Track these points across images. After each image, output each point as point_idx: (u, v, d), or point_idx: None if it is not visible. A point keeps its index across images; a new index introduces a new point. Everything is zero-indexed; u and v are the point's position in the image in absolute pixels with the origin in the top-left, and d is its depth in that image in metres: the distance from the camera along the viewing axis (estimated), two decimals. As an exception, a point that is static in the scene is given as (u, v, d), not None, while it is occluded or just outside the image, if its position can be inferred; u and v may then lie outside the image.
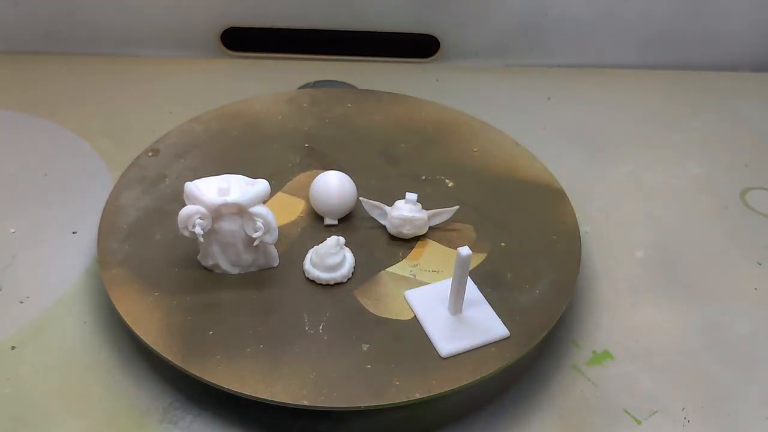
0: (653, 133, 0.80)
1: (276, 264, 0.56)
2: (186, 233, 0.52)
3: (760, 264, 0.64)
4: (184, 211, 0.52)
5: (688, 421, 0.52)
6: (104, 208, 0.60)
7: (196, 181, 0.53)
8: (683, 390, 0.54)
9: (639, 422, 0.52)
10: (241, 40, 0.87)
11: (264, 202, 0.53)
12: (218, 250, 0.54)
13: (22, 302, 0.57)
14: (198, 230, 0.52)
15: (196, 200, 0.52)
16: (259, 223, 0.53)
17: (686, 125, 0.81)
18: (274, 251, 0.56)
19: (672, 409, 0.53)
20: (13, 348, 0.54)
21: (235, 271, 0.55)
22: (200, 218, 0.52)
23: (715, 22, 0.87)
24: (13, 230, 0.63)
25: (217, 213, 0.53)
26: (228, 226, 0.53)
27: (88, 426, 0.49)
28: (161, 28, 0.86)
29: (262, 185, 0.53)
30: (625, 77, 0.88)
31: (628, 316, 0.59)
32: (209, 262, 0.55)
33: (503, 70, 0.89)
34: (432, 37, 0.88)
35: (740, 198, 0.71)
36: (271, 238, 0.53)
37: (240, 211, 0.53)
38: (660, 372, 0.55)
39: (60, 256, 0.61)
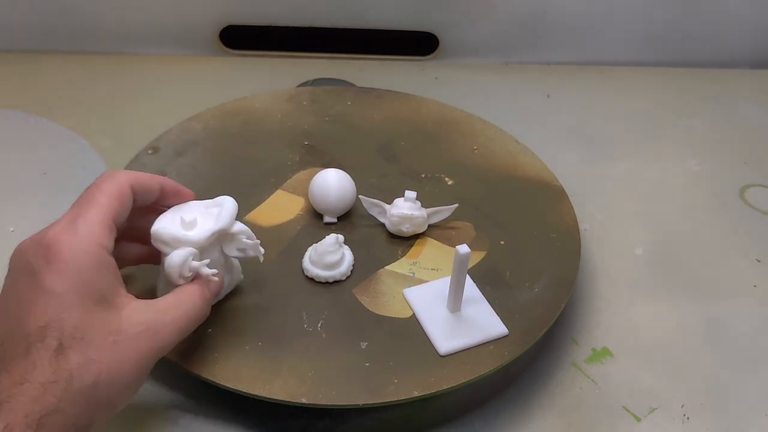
0: (652, 130, 0.79)
1: (242, 277, 0.53)
2: (182, 281, 0.46)
3: (759, 261, 0.64)
4: (176, 258, 0.45)
5: (688, 418, 0.52)
6: (103, 206, 0.60)
7: (161, 224, 0.47)
8: (683, 387, 0.54)
9: (639, 419, 0.52)
10: (240, 38, 0.87)
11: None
12: None
13: (21, 301, 0.57)
14: (206, 270, 0.46)
15: (180, 243, 0.46)
16: (244, 239, 0.49)
17: (685, 122, 0.81)
18: (239, 265, 0.53)
19: (671, 407, 0.53)
20: (12, 346, 0.54)
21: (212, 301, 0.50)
22: (194, 259, 0.46)
23: (715, 19, 0.87)
24: (12, 229, 0.63)
25: (203, 248, 0.47)
26: (210, 256, 0.48)
27: (88, 424, 0.49)
28: (160, 26, 0.86)
29: (229, 203, 0.48)
30: (624, 74, 0.88)
31: (627, 314, 0.59)
32: None
33: (502, 68, 0.88)
34: (431, 34, 0.88)
35: (739, 195, 0.71)
36: (262, 249, 0.50)
37: (219, 236, 0.48)
38: (659, 369, 0.55)
39: (59, 254, 0.61)
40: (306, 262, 0.55)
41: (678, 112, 0.82)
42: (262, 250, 0.50)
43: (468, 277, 0.54)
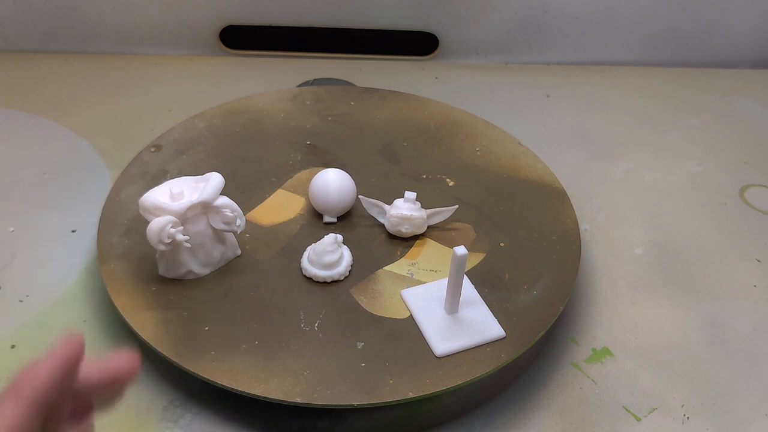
0: (652, 130, 0.79)
1: (239, 252, 0.56)
2: (162, 247, 0.50)
3: (759, 261, 0.64)
4: (155, 225, 0.49)
5: (688, 417, 0.52)
6: (105, 202, 0.60)
7: (148, 194, 0.51)
8: (682, 387, 0.54)
9: (638, 419, 0.52)
10: (240, 38, 0.87)
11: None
12: (188, 255, 0.53)
13: (21, 301, 0.57)
14: (180, 237, 0.50)
15: (161, 211, 0.50)
16: (228, 213, 0.52)
17: (685, 122, 0.81)
18: (234, 240, 0.56)
19: (671, 406, 0.52)
20: (12, 347, 0.54)
21: (206, 271, 0.54)
22: (172, 227, 0.50)
23: (714, 19, 0.87)
24: (12, 229, 0.63)
25: (184, 218, 0.51)
26: (195, 227, 0.52)
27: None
28: (160, 27, 0.86)
29: (216, 178, 0.52)
30: (624, 75, 0.88)
31: (627, 314, 0.59)
32: (180, 271, 0.54)
33: (502, 68, 0.88)
34: (431, 34, 0.88)
35: (739, 195, 0.71)
36: (242, 221, 0.53)
37: (204, 208, 0.52)
38: (659, 369, 0.55)
39: (59, 254, 0.61)
40: (304, 262, 0.55)
41: (678, 112, 0.82)
42: (239, 222, 0.53)
43: (466, 279, 0.54)
